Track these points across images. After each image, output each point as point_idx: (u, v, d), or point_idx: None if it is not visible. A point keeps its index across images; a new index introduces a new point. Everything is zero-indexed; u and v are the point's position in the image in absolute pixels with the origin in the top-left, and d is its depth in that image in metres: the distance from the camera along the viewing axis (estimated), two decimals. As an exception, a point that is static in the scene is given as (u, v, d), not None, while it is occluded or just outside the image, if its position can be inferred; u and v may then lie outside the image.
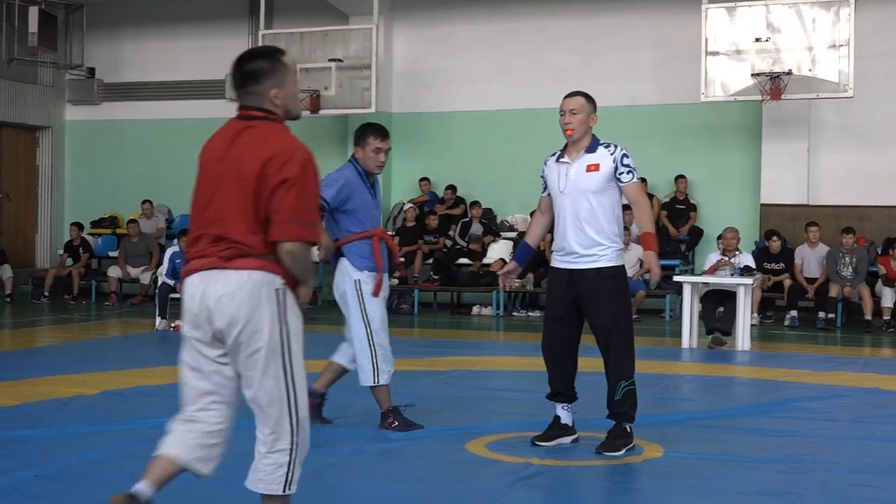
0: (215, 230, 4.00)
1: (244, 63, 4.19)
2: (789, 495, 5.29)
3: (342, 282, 6.84)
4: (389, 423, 6.66)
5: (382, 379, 6.63)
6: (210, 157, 4.16)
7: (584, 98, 6.33)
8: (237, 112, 4.22)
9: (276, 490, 4.13)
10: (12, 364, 9.97)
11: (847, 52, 14.26)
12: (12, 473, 5.53)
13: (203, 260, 3.99)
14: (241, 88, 4.21)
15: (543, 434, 6.39)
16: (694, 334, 11.78)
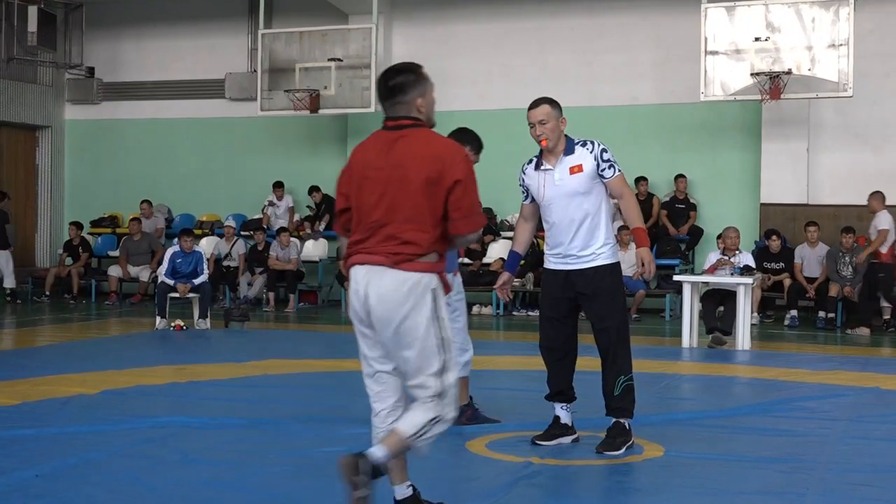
0: (386, 231, 4.40)
1: (390, 77, 4.56)
2: (789, 495, 5.29)
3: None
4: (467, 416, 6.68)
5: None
6: (369, 165, 4.50)
7: (549, 104, 6.24)
8: (384, 123, 4.56)
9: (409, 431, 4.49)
10: (12, 363, 9.97)
11: (846, 52, 14.26)
12: (12, 473, 5.53)
13: (372, 256, 4.40)
14: (389, 100, 4.54)
15: (544, 434, 6.41)
16: (694, 334, 11.78)
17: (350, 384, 8.99)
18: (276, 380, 9.03)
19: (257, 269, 16.81)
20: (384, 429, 4.62)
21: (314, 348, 11.61)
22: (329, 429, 6.77)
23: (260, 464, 5.80)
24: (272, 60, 17.10)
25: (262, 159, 18.85)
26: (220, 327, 13.35)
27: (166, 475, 5.55)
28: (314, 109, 16.90)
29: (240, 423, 6.96)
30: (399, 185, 4.38)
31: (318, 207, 18.08)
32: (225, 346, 11.82)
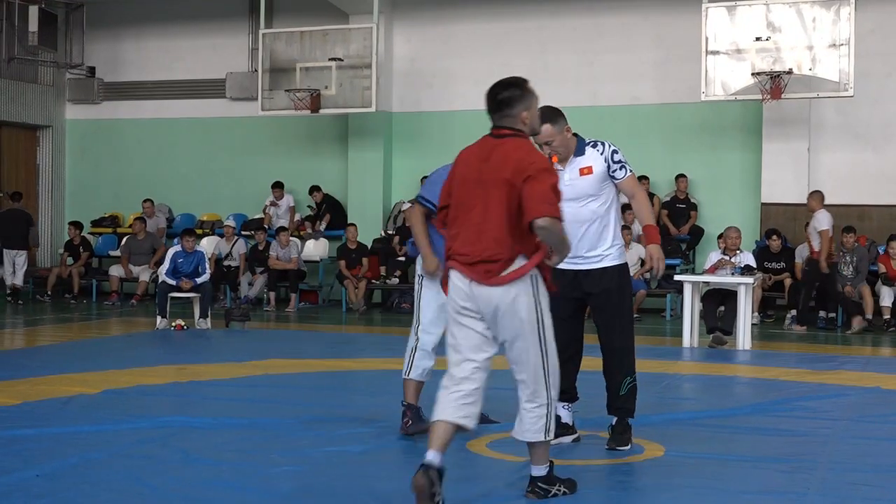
0: (480, 228, 4.90)
1: (499, 91, 5.10)
2: (790, 494, 5.29)
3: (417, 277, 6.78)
4: (405, 421, 6.64)
5: (413, 374, 6.62)
6: (469, 167, 5.03)
7: (549, 124, 6.08)
8: (491, 131, 5.10)
9: (539, 437, 5.02)
10: (13, 363, 9.98)
11: (847, 52, 14.26)
12: (13, 473, 5.53)
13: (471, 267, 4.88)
14: (497, 112, 5.08)
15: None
16: (695, 333, 11.78)
17: (351, 384, 9.00)
18: (277, 379, 9.03)
19: (258, 268, 16.81)
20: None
21: (315, 348, 11.61)
22: (330, 429, 6.77)
23: (261, 463, 5.80)
24: (273, 60, 17.10)
25: (263, 159, 18.85)
26: (221, 327, 13.35)
27: (167, 475, 5.55)
28: (315, 109, 16.90)
29: (240, 423, 6.96)
30: (493, 188, 4.88)
31: (318, 207, 18.08)
32: (226, 346, 11.82)
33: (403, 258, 16.61)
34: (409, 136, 18.09)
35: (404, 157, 18.12)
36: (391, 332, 13.38)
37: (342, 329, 14.16)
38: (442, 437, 4.85)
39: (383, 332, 13.72)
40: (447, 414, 4.88)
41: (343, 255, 16.55)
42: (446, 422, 4.88)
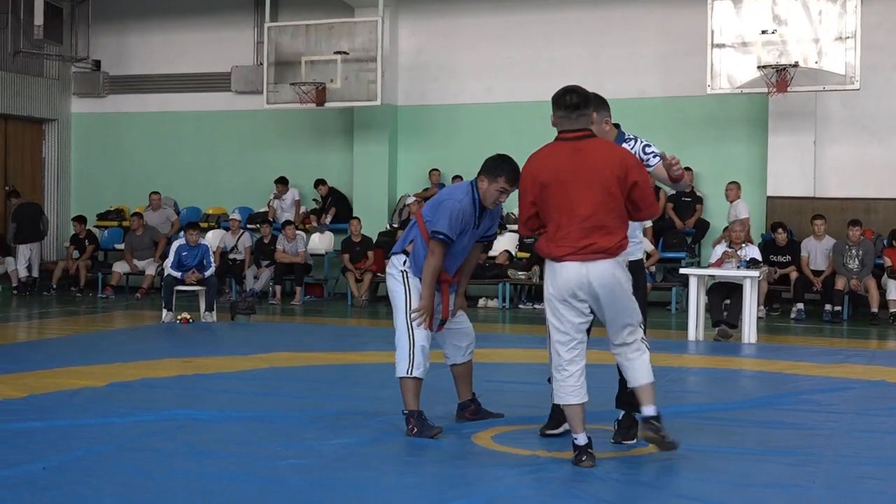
0: (592, 222, 5.55)
1: (570, 95, 5.69)
2: (796, 487, 5.29)
3: (389, 269, 6.64)
4: (410, 428, 6.40)
5: (416, 371, 6.42)
6: (562, 170, 5.59)
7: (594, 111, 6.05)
8: (561, 135, 5.69)
9: (652, 377, 5.84)
10: (20, 356, 9.99)
11: (853, 45, 14.22)
12: (20, 465, 5.54)
13: (584, 254, 5.56)
14: (575, 112, 5.65)
15: (549, 423, 6.47)
16: (700, 327, 11.78)
17: (356, 377, 9.01)
18: (282, 373, 9.04)
19: (263, 262, 16.82)
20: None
21: (320, 341, 11.62)
22: (335, 422, 6.78)
23: (266, 456, 5.81)
24: (278, 53, 17.09)
25: (268, 152, 18.86)
26: (227, 320, 13.37)
27: (173, 468, 5.56)
28: (320, 103, 16.89)
29: (246, 416, 6.97)
30: (597, 186, 5.52)
31: (324, 200, 18.08)
32: (231, 339, 11.83)
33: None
34: (414, 129, 18.09)
35: (409, 151, 18.12)
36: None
37: (347, 322, 14.17)
38: (581, 416, 5.67)
39: (388, 325, 13.66)
40: (581, 396, 5.69)
41: (347, 248, 16.55)
42: (580, 404, 5.67)
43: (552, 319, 5.71)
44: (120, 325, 13.67)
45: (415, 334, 6.40)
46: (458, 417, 6.82)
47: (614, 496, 5.22)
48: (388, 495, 5.13)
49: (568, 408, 5.71)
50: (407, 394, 6.43)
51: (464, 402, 6.85)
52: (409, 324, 6.42)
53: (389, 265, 6.61)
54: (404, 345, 6.43)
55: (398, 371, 6.44)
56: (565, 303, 5.65)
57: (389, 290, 6.61)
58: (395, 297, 6.54)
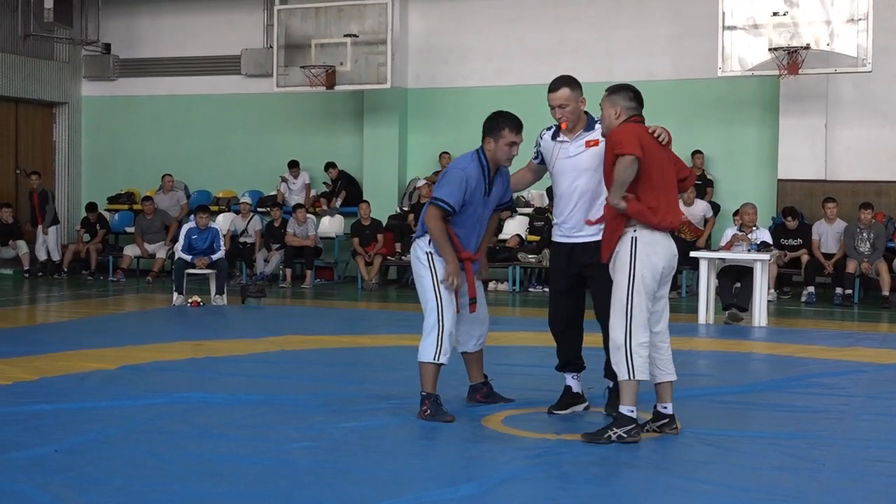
0: (675, 200, 6.09)
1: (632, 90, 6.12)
2: (806, 470, 5.29)
3: (414, 252, 6.45)
4: (423, 410, 6.34)
5: (443, 358, 6.30)
6: (655, 147, 5.97)
7: (568, 87, 6.39)
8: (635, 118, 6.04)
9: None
10: (31, 339, 10.03)
11: (865, 27, 14.15)
12: (32, 448, 5.57)
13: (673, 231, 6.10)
14: (641, 104, 6.11)
15: (558, 403, 6.59)
16: (710, 310, 11.76)
17: (366, 360, 9.03)
18: (293, 356, 9.06)
19: (274, 245, 16.84)
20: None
21: (330, 324, 11.64)
22: (345, 405, 6.79)
23: (277, 439, 5.83)
24: (288, 36, 17.08)
25: (278, 136, 18.86)
26: (237, 303, 13.40)
27: (184, 450, 5.58)
28: (330, 86, 16.88)
29: (257, 399, 6.99)
30: (671, 166, 6.07)
31: (334, 184, 18.08)
32: (241, 323, 11.86)
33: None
34: (424, 112, 18.06)
35: (419, 134, 18.11)
36: (406, 309, 13.39)
37: (357, 305, 14.19)
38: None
39: (399, 308, 13.73)
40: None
41: (357, 231, 16.56)
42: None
43: (643, 295, 5.84)
44: (131, 308, 13.71)
45: (445, 320, 6.27)
46: (468, 399, 6.83)
47: (624, 479, 5.23)
48: (398, 478, 5.14)
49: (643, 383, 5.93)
50: (427, 377, 6.34)
51: (476, 385, 6.85)
52: (439, 308, 6.28)
53: (414, 248, 6.46)
54: (433, 329, 6.29)
55: (424, 355, 6.30)
56: (662, 276, 5.95)
57: (415, 273, 6.46)
58: (421, 280, 6.40)
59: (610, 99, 6.08)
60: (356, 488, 4.93)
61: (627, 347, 5.81)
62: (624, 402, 5.85)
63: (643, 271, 5.83)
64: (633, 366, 5.81)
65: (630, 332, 5.81)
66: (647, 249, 5.84)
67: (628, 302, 5.81)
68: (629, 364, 5.81)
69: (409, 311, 13.16)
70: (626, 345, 5.81)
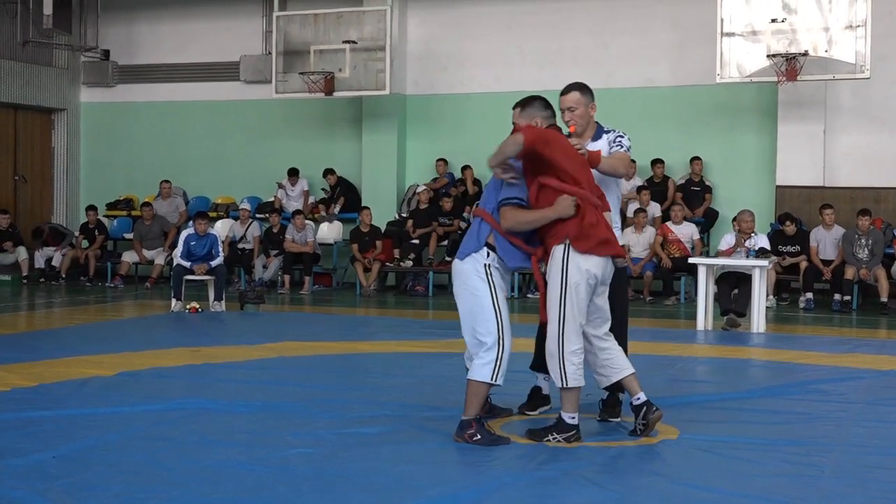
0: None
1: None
2: (804, 477, 5.29)
3: (469, 266, 5.99)
4: (471, 434, 5.92)
5: (500, 379, 5.93)
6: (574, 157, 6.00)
7: (579, 92, 6.44)
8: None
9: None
10: (29, 345, 10.02)
11: (864, 33, 14.17)
12: (30, 454, 5.56)
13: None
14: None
15: (528, 404, 6.73)
16: (709, 316, 11.76)
17: (365, 366, 9.02)
18: (291, 362, 9.05)
19: (272, 251, 16.84)
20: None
21: (329, 331, 11.63)
22: (344, 411, 6.79)
23: (275, 446, 5.82)
24: (287, 43, 17.10)
25: (277, 142, 18.87)
26: (236, 309, 13.39)
27: (182, 456, 5.58)
28: (329, 92, 16.90)
29: (255, 406, 6.99)
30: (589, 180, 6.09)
31: (332, 190, 18.09)
32: (240, 329, 11.85)
33: (417, 241, 16.61)
34: (423, 118, 18.08)
35: (418, 140, 18.12)
36: (405, 315, 13.40)
37: (356, 312, 14.18)
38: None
39: (397, 314, 13.73)
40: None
41: (356, 238, 16.57)
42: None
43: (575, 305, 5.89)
44: (129, 314, 13.70)
45: (505, 339, 5.91)
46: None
47: (622, 485, 5.22)
48: (397, 484, 5.13)
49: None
50: (476, 398, 5.93)
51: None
52: (499, 326, 5.90)
53: (464, 264, 5.98)
54: (493, 349, 5.88)
55: (480, 375, 5.88)
56: (597, 284, 5.99)
57: (467, 288, 5.98)
58: (477, 296, 5.94)
59: (526, 112, 6.10)
60: (355, 495, 4.93)
61: (560, 355, 5.85)
62: (565, 409, 5.93)
63: (575, 280, 5.83)
64: (566, 374, 5.85)
65: (562, 340, 5.85)
66: (577, 259, 5.82)
67: (560, 311, 5.84)
68: (562, 372, 5.85)
69: (408, 317, 13.18)
70: (559, 353, 5.86)
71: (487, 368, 5.87)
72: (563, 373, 5.86)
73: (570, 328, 5.84)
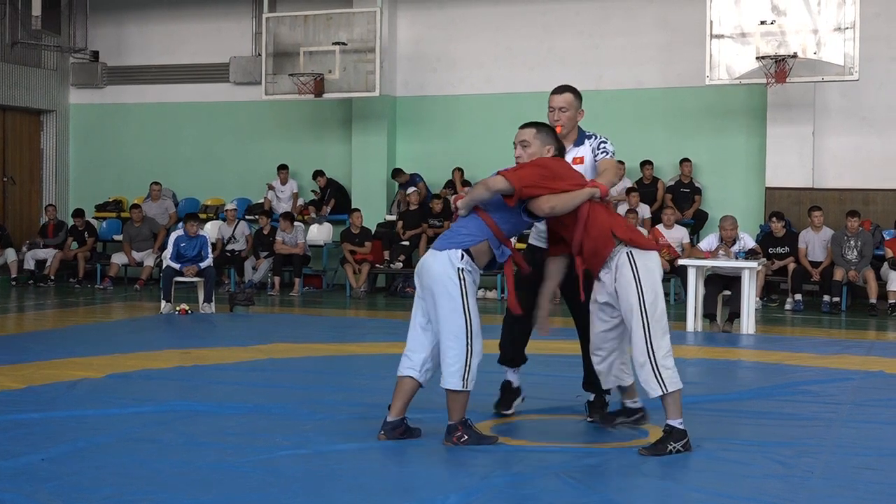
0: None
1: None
2: (793, 478, 5.30)
3: (440, 267, 5.82)
4: (458, 436, 5.88)
5: (471, 384, 5.85)
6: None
7: (573, 95, 6.48)
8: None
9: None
10: (18, 347, 10.00)
11: (852, 35, 14.22)
12: (19, 457, 5.55)
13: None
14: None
15: (504, 402, 6.71)
16: (698, 318, 11.78)
17: (355, 368, 9.01)
18: (281, 364, 9.04)
19: (262, 252, 16.83)
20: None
21: (319, 332, 11.62)
22: (334, 413, 6.79)
23: (265, 447, 5.81)
24: (276, 44, 17.09)
25: (267, 143, 18.86)
26: (225, 311, 13.38)
27: (172, 458, 5.57)
28: (318, 93, 16.89)
29: (245, 408, 6.98)
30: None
31: (322, 192, 18.08)
32: (230, 331, 11.84)
33: (407, 242, 16.61)
34: (412, 120, 18.08)
35: (408, 142, 18.12)
36: (395, 317, 13.40)
37: (346, 313, 14.18)
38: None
39: (387, 316, 13.73)
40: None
41: (346, 239, 16.57)
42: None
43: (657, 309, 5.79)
44: (118, 316, 13.68)
45: (474, 344, 5.81)
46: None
47: (612, 486, 5.23)
48: (387, 486, 5.13)
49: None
50: (456, 405, 5.86)
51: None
52: (469, 334, 5.79)
53: (437, 261, 5.85)
54: (459, 354, 5.78)
55: (450, 383, 5.79)
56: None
57: (441, 285, 5.80)
58: (450, 298, 5.80)
59: (541, 137, 5.97)
60: (345, 496, 4.92)
61: (653, 363, 5.71)
62: (672, 416, 5.77)
63: (649, 282, 5.79)
64: (663, 380, 5.72)
65: (652, 347, 5.72)
66: (643, 259, 5.82)
67: (643, 317, 5.72)
68: (659, 379, 5.72)
69: (398, 318, 13.15)
70: (650, 361, 5.71)
71: (457, 376, 5.79)
72: (660, 380, 5.71)
73: (656, 332, 5.71)
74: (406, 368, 6.02)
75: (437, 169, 17.65)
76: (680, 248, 15.02)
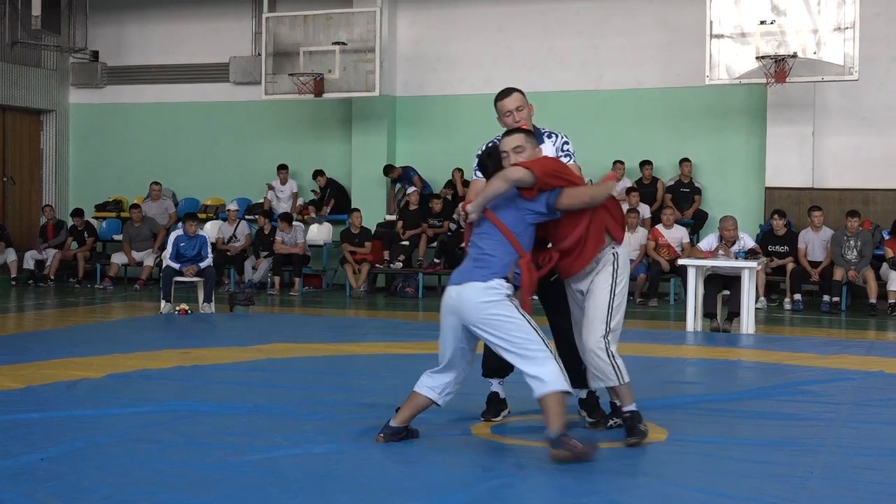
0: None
1: None
2: (793, 478, 5.29)
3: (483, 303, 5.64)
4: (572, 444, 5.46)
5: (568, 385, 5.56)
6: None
7: (521, 93, 6.48)
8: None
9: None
10: (18, 347, 9.99)
11: (852, 35, 14.22)
12: (18, 456, 5.54)
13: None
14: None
15: (490, 410, 6.60)
16: (698, 318, 11.78)
17: (354, 368, 9.01)
18: (281, 364, 9.04)
19: (262, 252, 16.82)
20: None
21: (318, 332, 11.62)
22: (334, 413, 6.78)
23: (264, 447, 5.81)
24: (276, 44, 17.09)
25: (267, 143, 18.86)
26: (225, 311, 13.37)
27: (172, 458, 5.57)
28: (318, 93, 16.89)
29: (244, 408, 6.97)
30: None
31: (322, 192, 18.08)
32: (229, 330, 11.83)
33: (407, 242, 16.60)
34: (412, 120, 18.08)
35: (408, 142, 18.12)
36: (395, 317, 13.40)
37: (346, 313, 14.18)
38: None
39: (387, 316, 13.73)
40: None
41: (346, 239, 16.57)
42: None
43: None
44: (118, 316, 13.67)
45: (550, 346, 5.62)
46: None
47: (612, 486, 5.22)
48: (387, 486, 5.13)
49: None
50: (559, 409, 5.46)
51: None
52: (541, 338, 5.56)
53: (481, 293, 5.62)
54: (547, 356, 5.51)
55: (553, 386, 5.44)
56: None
57: (497, 319, 5.60)
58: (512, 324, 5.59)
59: (532, 141, 6.06)
60: (345, 497, 4.92)
61: (610, 355, 5.92)
62: (626, 404, 5.99)
63: (623, 281, 6.00)
64: (620, 370, 5.92)
65: (609, 341, 5.95)
66: (623, 257, 6.03)
67: (609, 313, 5.96)
68: (617, 369, 5.92)
69: (398, 319, 13.17)
70: (608, 354, 5.93)
71: (557, 377, 5.47)
72: (618, 371, 5.91)
73: (616, 326, 5.98)
74: (426, 388, 5.86)
75: (436, 169, 17.64)
76: (680, 247, 15.01)
